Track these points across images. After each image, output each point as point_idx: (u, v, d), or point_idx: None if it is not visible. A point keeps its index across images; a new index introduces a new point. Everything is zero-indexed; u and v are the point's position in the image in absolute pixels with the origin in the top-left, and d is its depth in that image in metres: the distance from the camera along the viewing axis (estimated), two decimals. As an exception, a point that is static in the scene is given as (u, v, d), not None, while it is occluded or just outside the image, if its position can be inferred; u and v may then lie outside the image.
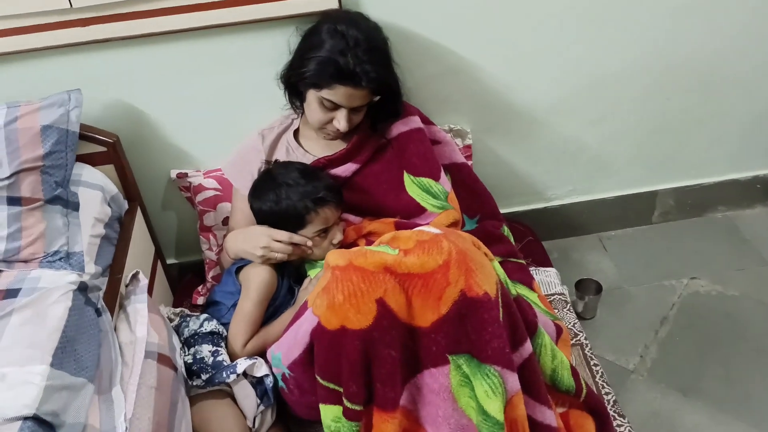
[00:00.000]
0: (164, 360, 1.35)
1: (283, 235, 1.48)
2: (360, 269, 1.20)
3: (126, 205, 1.70)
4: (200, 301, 1.87)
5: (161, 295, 1.83)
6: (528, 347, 1.29)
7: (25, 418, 1.05)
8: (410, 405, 1.24)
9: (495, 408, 1.18)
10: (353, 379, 1.19)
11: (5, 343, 1.17)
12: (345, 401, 1.21)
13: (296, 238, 1.49)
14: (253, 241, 1.48)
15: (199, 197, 1.83)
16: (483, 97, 1.85)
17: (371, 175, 1.64)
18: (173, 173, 1.83)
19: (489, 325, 1.19)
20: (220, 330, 1.53)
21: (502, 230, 1.81)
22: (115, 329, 1.38)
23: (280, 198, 1.49)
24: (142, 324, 1.37)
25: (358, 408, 1.20)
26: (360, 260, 1.21)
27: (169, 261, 2.01)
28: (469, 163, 1.89)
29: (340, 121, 1.53)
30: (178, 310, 1.76)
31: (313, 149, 1.67)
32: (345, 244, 1.58)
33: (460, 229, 1.70)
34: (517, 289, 1.44)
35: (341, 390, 1.23)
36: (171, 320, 1.73)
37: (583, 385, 1.42)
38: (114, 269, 1.52)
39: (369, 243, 1.57)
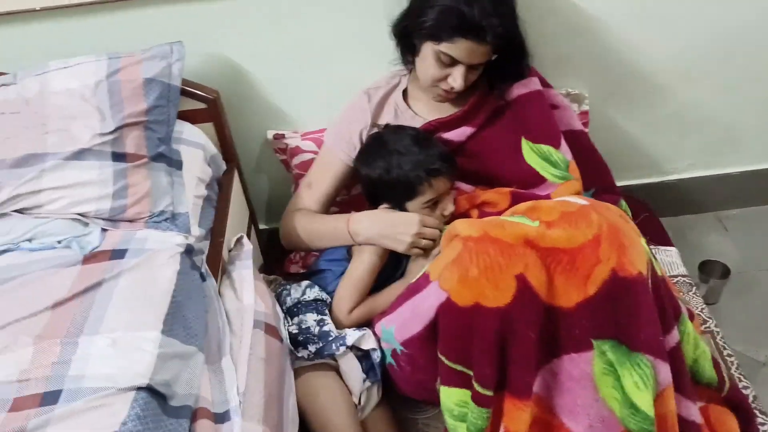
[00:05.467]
0: (271, 330, 1.27)
1: (433, 221, 1.38)
2: (497, 241, 1.08)
3: (224, 166, 1.62)
4: (293, 269, 1.79)
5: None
6: (675, 335, 1.15)
7: (139, 389, 0.98)
8: (543, 392, 1.12)
9: (645, 401, 1.05)
10: (487, 361, 1.08)
11: (114, 307, 1.10)
12: (475, 385, 1.10)
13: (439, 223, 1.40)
14: (402, 227, 1.36)
15: (296, 160, 1.73)
16: (605, 59, 1.70)
17: (486, 140, 1.51)
18: (270, 134, 1.74)
19: (643, 310, 1.06)
20: (324, 297, 1.44)
21: (619, 205, 1.66)
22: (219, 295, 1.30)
23: (391, 166, 1.38)
24: (249, 291, 1.29)
25: (488, 393, 1.09)
26: (497, 231, 1.09)
27: (261, 226, 1.93)
28: (586, 130, 1.74)
29: (456, 79, 1.40)
30: (272, 277, 1.69)
31: (423, 111, 1.55)
32: (456, 215, 1.46)
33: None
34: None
35: (470, 373, 1.12)
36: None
37: (726, 377, 1.28)
38: (215, 232, 1.44)
39: (482, 214, 1.45)
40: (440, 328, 1.14)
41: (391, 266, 1.46)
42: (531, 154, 1.51)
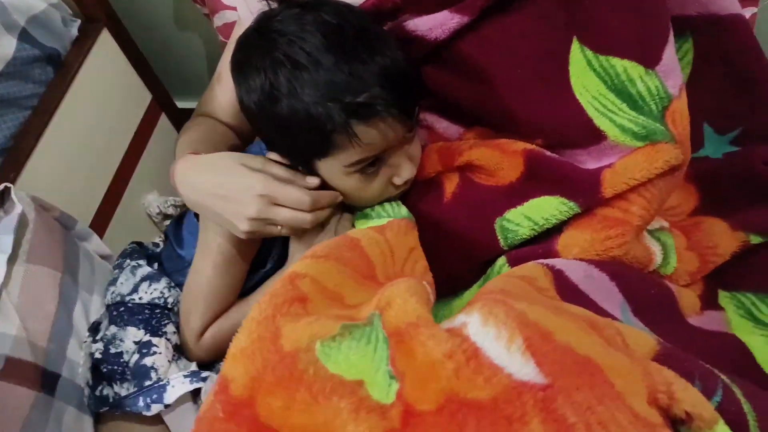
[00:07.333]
0: (17, 369, 0.73)
1: (294, 195, 0.69)
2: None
3: (74, 31, 0.97)
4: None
5: (165, 166, 1.16)
6: None
7: None
8: None
9: None
10: None
11: None
12: None
13: (324, 197, 0.71)
14: (235, 203, 0.70)
15: (218, 20, 1.05)
16: None
17: (495, 41, 0.74)
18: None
19: None
20: (168, 300, 0.85)
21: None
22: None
23: (278, 89, 0.67)
24: (-20, 301, 0.73)
25: None
26: (287, 412, 0.42)
27: (183, 104, 1.25)
28: (749, 13, 0.88)
29: None
30: (181, 202, 1.15)
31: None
32: (420, 178, 0.77)
33: (684, 170, 0.76)
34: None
35: None
36: (166, 216, 1.12)
37: None
38: (10, 162, 0.85)
39: (466, 185, 0.77)
40: None
41: (281, 252, 0.82)
42: (588, 75, 0.72)
